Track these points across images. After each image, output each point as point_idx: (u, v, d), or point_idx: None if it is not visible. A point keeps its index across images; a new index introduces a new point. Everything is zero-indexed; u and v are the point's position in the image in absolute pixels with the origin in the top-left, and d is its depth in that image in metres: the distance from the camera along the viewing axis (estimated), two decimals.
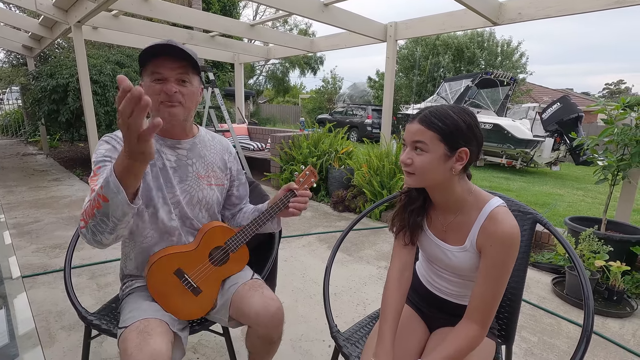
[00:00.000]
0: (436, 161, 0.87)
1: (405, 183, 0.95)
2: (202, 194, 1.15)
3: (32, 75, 5.62)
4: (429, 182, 0.92)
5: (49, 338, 1.72)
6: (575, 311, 2.13)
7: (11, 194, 4.30)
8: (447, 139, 0.85)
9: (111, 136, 1.06)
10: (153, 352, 0.87)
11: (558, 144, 7.57)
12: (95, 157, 1.01)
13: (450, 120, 0.85)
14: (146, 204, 1.06)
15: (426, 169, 0.88)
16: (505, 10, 3.40)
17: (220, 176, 1.22)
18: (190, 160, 1.14)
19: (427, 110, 0.89)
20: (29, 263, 2.49)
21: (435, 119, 0.86)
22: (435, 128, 0.86)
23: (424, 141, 0.87)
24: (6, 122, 10.57)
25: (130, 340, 0.90)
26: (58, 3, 3.92)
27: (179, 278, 1.09)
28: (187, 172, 1.12)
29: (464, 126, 0.86)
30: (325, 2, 3.69)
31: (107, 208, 0.82)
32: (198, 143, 1.17)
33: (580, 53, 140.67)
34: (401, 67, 17.27)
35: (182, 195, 1.11)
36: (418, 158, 0.88)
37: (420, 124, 0.87)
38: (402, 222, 1.03)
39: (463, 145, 0.86)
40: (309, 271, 2.54)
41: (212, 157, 1.20)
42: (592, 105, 3.09)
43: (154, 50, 0.99)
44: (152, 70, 1.00)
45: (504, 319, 1.14)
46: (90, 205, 0.85)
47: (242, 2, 15.38)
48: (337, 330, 1.13)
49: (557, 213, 4.49)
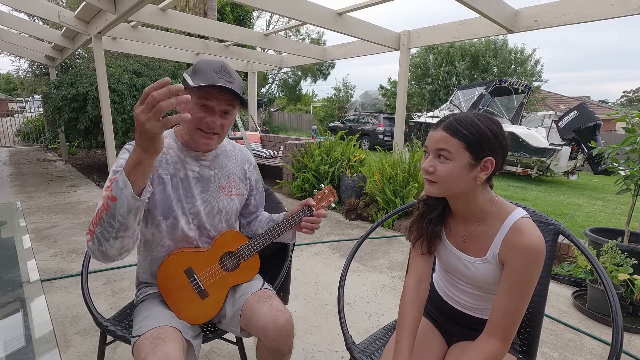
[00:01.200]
0: (460, 170, 0.84)
1: (425, 191, 0.92)
2: (222, 205, 1.16)
3: (54, 84, 5.81)
4: (452, 192, 0.89)
5: (64, 342, 1.74)
6: (598, 326, 2.05)
7: (30, 199, 4.42)
8: (472, 147, 0.83)
9: (133, 145, 1.06)
10: (165, 355, 0.88)
11: (575, 153, 7.39)
12: (116, 165, 1.02)
13: (476, 128, 0.83)
14: (165, 214, 1.06)
15: (449, 177, 0.85)
16: (521, 17, 3.37)
17: (240, 186, 1.22)
18: (213, 171, 1.15)
19: (452, 118, 0.86)
20: (46, 267, 2.54)
21: (461, 127, 0.83)
22: (460, 136, 0.83)
23: (448, 149, 0.84)
24: (28, 129, 10.92)
25: (144, 347, 0.91)
26: (80, 15, 4.06)
27: (188, 277, 1.09)
28: (209, 182, 1.13)
29: (491, 135, 0.83)
30: (339, 12, 3.72)
31: (114, 208, 0.83)
32: (220, 154, 1.18)
33: (596, 60, 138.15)
34: (413, 75, 17.24)
35: (203, 205, 1.12)
36: (441, 166, 0.85)
37: (445, 131, 0.84)
38: (420, 231, 1.00)
39: (488, 155, 0.83)
40: (321, 280, 2.52)
41: (233, 167, 1.21)
42: (613, 114, 3.00)
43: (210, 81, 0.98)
44: (201, 95, 1.00)
45: (525, 334, 1.10)
46: (99, 212, 0.86)
47: (255, 12, 15.66)
48: (352, 342, 1.11)
49: (575, 223, 4.36)
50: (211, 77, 0.99)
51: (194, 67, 1.03)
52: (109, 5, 3.42)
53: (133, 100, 5.51)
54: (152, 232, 1.08)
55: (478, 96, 8.70)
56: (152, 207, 1.05)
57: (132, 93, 5.54)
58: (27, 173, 6.14)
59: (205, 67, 1.01)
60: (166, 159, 1.07)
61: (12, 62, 15.92)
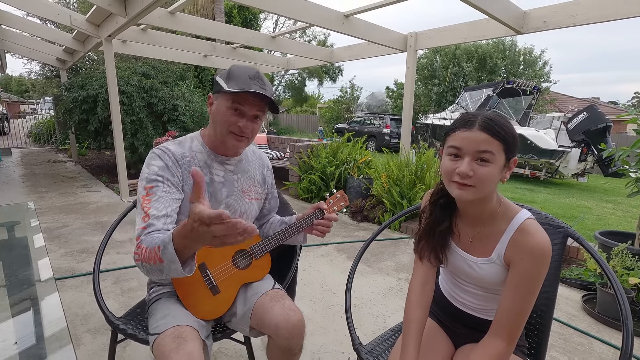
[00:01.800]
0: (497, 172, 0.82)
1: (459, 197, 0.86)
2: (243, 209, 1.19)
3: (65, 87, 5.91)
4: (484, 194, 0.85)
5: (75, 340, 1.76)
6: (608, 331, 2.02)
7: (42, 199, 4.50)
8: (508, 148, 0.82)
9: (164, 150, 1.06)
10: (189, 353, 0.90)
11: (585, 155, 7.30)
12: (148, 173, 1.02)
13: (509, 128, 0.82)
14: (187, 217, 1.06)
15: (489, 181, 0.81)
16: (529, 19, 3.35)
17: (259, 190, 1.25)
18: (237, 175, 1.17)
19: (485, 117, 0.82)
20: (57, 267, 2.58)
21: (498, 127, 0.80)
22: (500, 137, 0.80)
23: (491, 151, 0.80)
24: (39, 130, 11.10)
25: (166, 344, 0.93)
26: (91, 18, 4.13)
27: (201, 272, 1.11)
28: (233, 187, 1.16)
29: (516, 134, 0.83)
30: (345, 14, 3.74)
31: (162, 267, 0.85)
32: (243, 159, 1.21)
33: (606, 61, 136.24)
34: (420, 77, 17.19)
35: (227, 209, 1.14)
36: (482, 169, 0.81)
37: (485, 132, 0.80)
38: (429, 245, 0.99)
39: (515, 154, 0.84)
40: (327, 281, 2.52)
41: (254, 172, 1.24)
42: (624, 115, 2.96)
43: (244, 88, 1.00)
44: (235, 100, 1.02)
45: (534, 337, 1.10)
46: (148, 253, 0.86)
47: (262, 15, 15.75)
48: (359, 343, 1.11)
49: (585, 226, 4.31)
50: (246, 83, 1.02)
51: (228, 73, 1.05)
52: (119, 9, 3.47)
53: (142, 102, 5.57)
54: None
55: (485, 97, 8.64)
56: (179, 213, 1.06)
57: (140, 95, 5.61)
58: (38, 174, 6.24)
59: (240, 73, 1.03)
60: (194, 164, 1.09)
61: (24, 65, 16.22)
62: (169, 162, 1.04)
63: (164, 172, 1.03)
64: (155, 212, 0.97)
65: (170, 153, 1.06)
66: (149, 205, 0.97)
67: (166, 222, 0.98)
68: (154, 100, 5.73)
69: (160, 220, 0.97)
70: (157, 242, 0.86)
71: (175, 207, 1.02)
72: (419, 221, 1.05)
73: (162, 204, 0.99)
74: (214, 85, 1.07)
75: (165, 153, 1.05)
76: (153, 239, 0.91)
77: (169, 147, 1.07)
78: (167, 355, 0.90)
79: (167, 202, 1.00)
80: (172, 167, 1.04)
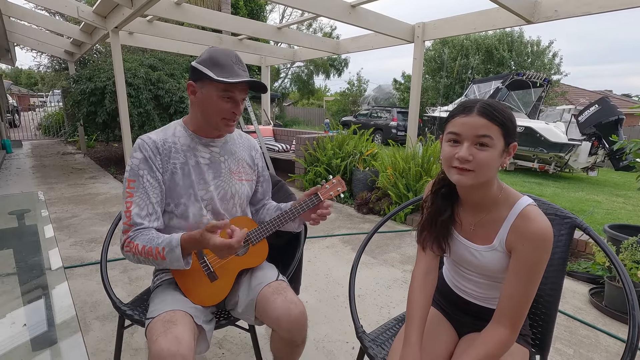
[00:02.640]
0: (497, 157, 0.83)
1: (458, 182, 0.86)
2: (234, 189, 1.19)
3: (73, 79, 5.96)
4: (485, 180, 0.86)
5: (85, 327, 1.80)
6: (615, 324, 2.00)
7: (52, 190, 4.57)
8: (507, 133, 0.82)
9: (144, 140, 1.09)
10: (177, 337, 0.91)
11: (596, 148, 7.17)
12: (131, 165, 1.07)
13: (508, 113, 0.82)
14: (176, 203, 1.10)
15: (488, 165, 0.82)
16: (540, 7, 3.27)
17: (249, 172, 1.26)
18: (223, 157, 1.18)
19: (483, 102, 0.83)
20: (67, 256, 2.63)
21: (496, 112, 0.81)
22: (498, 122, 0.81)
23: (490, 135, 0.81)
24: (48, 123, 11.24)
25: (156, 329, 0.95)
26: (98, 10, 4.14)
27: (198, 259, 1.12)
28: (220, 168, 1.17)
29: (515, 120, 0.84)
30: (352, 4, 3.69)
31: (161, 263, 1.00)
32: (229, 140, 1.22)
33: (620, 52, 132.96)
34: (428, 69, 16.97)
35: (217, 191, 1.15)
36: (481, 154, 0.81)
37: (484, 118, 0.81)
38: (432, 235, 0.99)
39: (515, 140, 0.84)
40: (332, 272, 2.53)
41: (241, 153, 1.25)
42: (635, 107, 2.90)
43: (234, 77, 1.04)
44: (226, 88, 1.04)
45: (538, 327, 1.09)
46: (147, 250, 0.99)
47: (268, 6, 15.64)
48: (362, 331, 1.12)
49: (594, 220, 4.25)
50: (232, 70, 1.04)
51: (211, 59, 1.04)
52: (125, 0, 3.47)
53: (149, 94, 5.60)
54: (168, 218, 1.12)
55: (494, 90, 8.51)
56: (165, 196, 1.10)
57: (147, 87, 5.63)
58: (48, 165, 6.33)
59: (223, 58, 1.05)
60: (176, 148, 1.11)
61: (34, 58, 16.37)
62: (148, 153, 1.07)
63: (144, 164, 1.06)
64: (137, 211, 1.04)
65: (150, 141, 1.08)
66: (131, 201, 1.04)
67: (151, 219, 1.06)
68: (161, 93, 5.75)
69: (145, 219, 1.05)
70: (161, 243, 0.99)
71: (157, 200, 1.08)
72: (421, 212, 1.04)
73: (144, 201, 1.05)
74: (194, 73, 1.07)
75: (145, 142, 1.08)
76: (151, 238, 1.01)
77: (150, 135, 1.11)
78: (154, 340, 0.91)
79: (148, 199, 1.06)
80: (152, 157, 1.07)
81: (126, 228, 1.04)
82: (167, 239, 1.00)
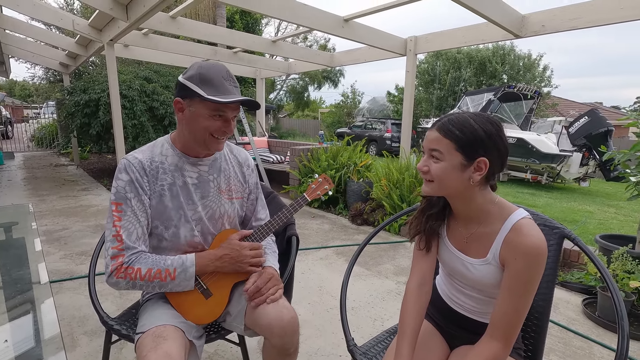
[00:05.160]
0: (451, 170, 0.85)
1: (422, 191, 0.93)
2: (223, 209, 1.16)
3: (67, 91, 5.95)
4: (448, 191, 0.89)
5: (72, 342, 1.76)
6: (608, 335, 2.00)
7: (43, 202, 4.51)
8: (464, 148, 0.83)
9: (130, 161, 1.04)
10: (167, 352, 0.89)
11: (587, 159, 7.27)
12: (117, 187, 1.03)
13: (469, 128, 0.83)
14: (166, 225, 1.07)
15: (442, 177, 0.86)
16: (528, 22, 3.36)
17: (240, 189, 1.23)
18: (212, 175, 1.15)
19: (447, 118, 0.87)
20: (56, 269, 2.59)
21: (453, 127, 0.84)
22: (451, 136, 0.83)
23: (439, 149, 0.85)
24: (42, 134, 11.17)
25: (146, 344, 0.93)
26: (93, 23, 4.17)
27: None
28: (208, 187, 1.13)
29: (484, 135, 0.83)
30: (345, 18, 3.76)
31: (167, 285, 1.02)
32: (219, 157, 1.19)
33: (609, 65, 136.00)
34: (421, 82, 17.24)
35: (204, 210, 1.12)
36: (434, 166, 0.87)
37: (438, 132, 0.86)
38: (419, 227, 1.01)
39: (482, 155, 0.83)
40: (326, 284, 2.51)
41: (232, 170, 1.21)
42: (623, 119, 2.95)
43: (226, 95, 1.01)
44: (217, 108, 1.01)
45: (530, 339, 1.09)
46: (150, 273, 1.00)
47: (264, 20, 15.87)
48: (354, 344, 1.11)
49: (586, 230, 4.28)
50: (223, 87, 1.01)
51: (200, 76, 0.99)
52: (121, 13, 3.50)
53: (143, 106, 5.60)
54: (156, 242, 1.10)
55: (487, 102, 8.65)
56: (153, 218, 1.07)
57: (142, 99, 5.64)
58: (40, 177, 6.27)
59: (213, 75, 1.00)
60: (163, 168, 1.08)
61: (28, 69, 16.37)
62: (135, 175, 1.03)
63: (131, 187, 1.02)
64: (128, 235, 1.01)
65: (136, 162, 1.04)
66: (120, 225, 1.00)
67: (140, 243, 1.04)
68: (156, 104, 5.76)
69: (136, 242, 1.02)
70: (171, 264, 1.02)
71: (145, 223, 1.05)
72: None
73: (133, 225, 1.02)
74: (182, 89, 1.02)
75: (131, 163, 1.04)
76: (156, 260, 1.01)
77: (136, 155, 1.06)
78: (144, 355, 0.89)
79: (138, 222, 1.03)
80: (138, 179, 1.03)
81: (117, 253, 0.99)
82: (177, 260, 1.04)
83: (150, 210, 1.06)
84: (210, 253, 1.07)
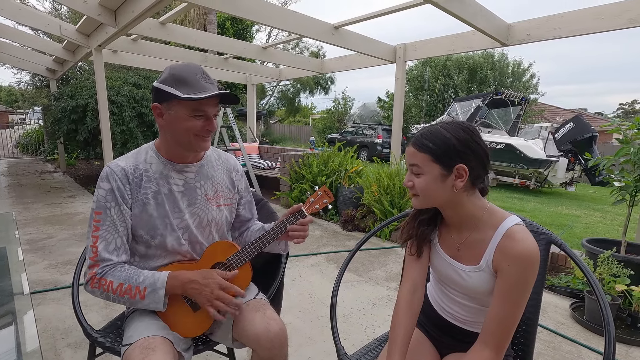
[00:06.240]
0: (433, 181, 0.87)
1: (412, 204, 0.96)
2: (211, 216, 1.14)
3: (54, 96, 5.86)
4: (435, 202, 0.91)
5: (55, 355, 1.71)
6: (596, 338, 2.02)
7: (27, 210, 4.40)
8: (440, 158, 0.85)
9: (113, 169, 1.02)
10: None
11: (573, 164, 7.43)
12: (97, 196, 1.01)
13: (442, 139, 0.85)
14: (151, 234, 1.04)
15: (426, 189, 0.88)
16: (513, 31, 3.43)
17: (229, 195, 1.20)
18: (199, 182, 1.12)
19: (420, 133, 0.90)
20: (40, 279, 2.51)
21: (426, 140, 0.87)
22: (426, 149, 0.86)
23: (417, 164, 0.88)
24: (27, 140, 10.95)
25: (134, 356, 0.90)
26: (81, 28, 4.13)
27: None
28: (195, 195, 1.11)
29: (456, 143, 0.84)
30: (335, 25, 3.79)
31: (136, 302, 0.99)
32: (205, 164, 1.16)
33: (593, 73, 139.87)
34: (411, 88, 17.45)
35: (192, 218, 1.10)
36: (417, 180, 0.89)
37: (413, 147, 0.89)
38: (411, 232, 1.01)
39: (459, 162, 0.84)
40: (317, 291, 2.49)
41: (220, 176, 1.18)
42: (606, 125, 3.04)
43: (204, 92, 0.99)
44: (196, 106, 0.99)
45: (519, 344, 1.09)
46: (121, 288, 0.98)
47: (255, 26, 15.92)
48: (344, 353, 1.09)
49: (573, 235, 4.35)
50: (199, 85, 0.99)
51: (174, 77, 0.98)
52: (109, 19, 3.48)
53: (132, 112, 5.55)
54: (144, 249, 1.07)
55: (475, 108, 8.79)
56: (137, 228, 1.04)
57: (131, 105, 5.58)
58: (24, 184, 6.13)
59: (187, 74, 0.98)
60: (148, 176, 1.05)
61: (14, 75, 16.11)
62: (117, 183, 1.01)
63: (111, 196, 1.00)
64: (104, 246, 1.00)
65: (119, 170, 1.02)
66: (98, 235, 0.99)
67: (119, 253, 1.02)
68: (145, 110, 5.71)
69: (113, 254, 1.01)
70: (142, 282, 0.98)
71: (125, 233, 1.03)
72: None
73: (112, 235, 1.01)
74: (158, 94, 1.00)
75: (114, 171, 1.02)
76: (129, 276, 0.99)
77: (119, 163, 1.04)
78: None
79: (116, 232, 1.01)
80: (120, 188, 1.01)
81: (92, 263, 0.98)
82: (150, 278, 0.99)
83: (131, 220, 1.03)
84: (184, 275, 1.01)
